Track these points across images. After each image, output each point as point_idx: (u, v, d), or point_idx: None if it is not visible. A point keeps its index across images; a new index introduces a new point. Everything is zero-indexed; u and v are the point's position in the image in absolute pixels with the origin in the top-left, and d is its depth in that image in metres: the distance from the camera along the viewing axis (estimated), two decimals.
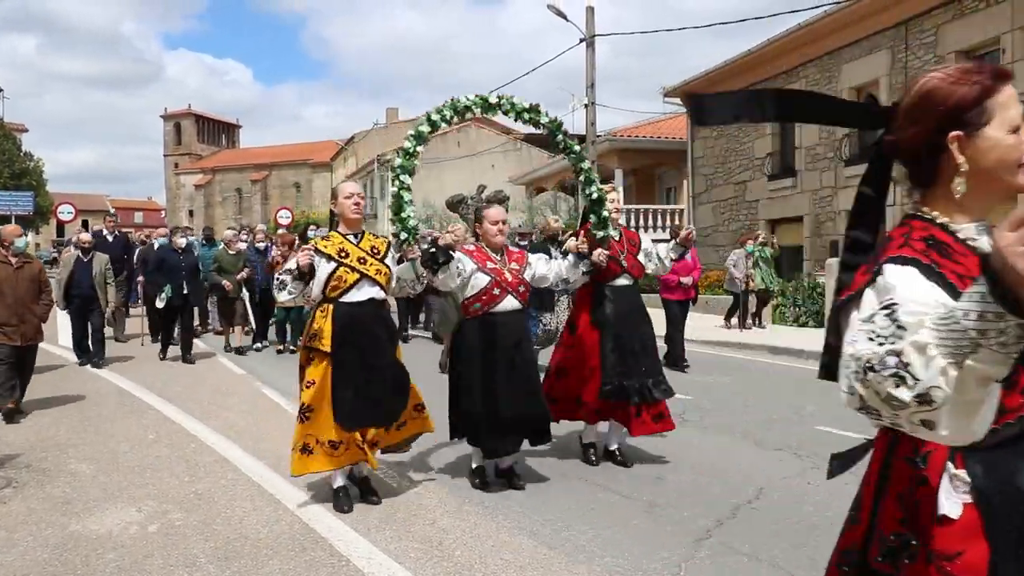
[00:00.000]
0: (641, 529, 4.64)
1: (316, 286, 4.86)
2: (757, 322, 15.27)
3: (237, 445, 6.68)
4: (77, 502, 5.24)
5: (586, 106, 21.85)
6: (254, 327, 13.12)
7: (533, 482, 5.59)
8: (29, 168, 44.57)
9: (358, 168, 57.46)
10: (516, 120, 5.43)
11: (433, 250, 5.02)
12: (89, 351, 11.07)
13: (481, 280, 5.31)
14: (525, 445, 5.50)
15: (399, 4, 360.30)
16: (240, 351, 12.47)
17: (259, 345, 12.97)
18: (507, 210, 25.25)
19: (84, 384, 9.69)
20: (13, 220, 28.01)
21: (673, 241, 6.15)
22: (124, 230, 16.50)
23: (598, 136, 23.14)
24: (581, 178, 5.73)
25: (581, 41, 21.43)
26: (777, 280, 15.70)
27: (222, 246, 13.04)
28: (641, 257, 6.12)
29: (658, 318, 7.47)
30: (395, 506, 5.09)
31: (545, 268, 5.68)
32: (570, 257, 5.69)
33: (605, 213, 5.68)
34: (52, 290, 8.42)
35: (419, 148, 4.93)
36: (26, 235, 8.62)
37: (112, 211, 14.71)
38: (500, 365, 5.26)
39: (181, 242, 11.92)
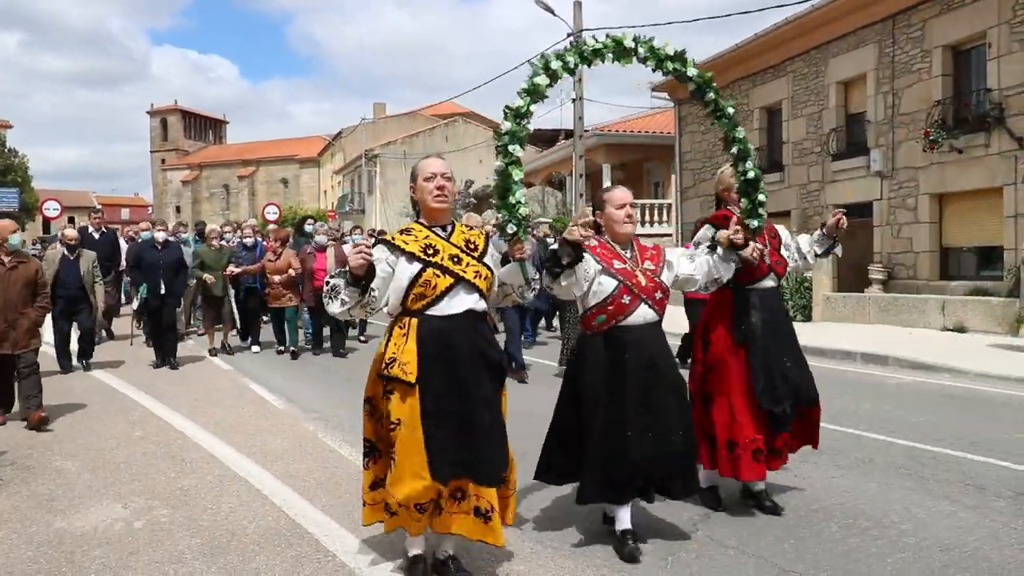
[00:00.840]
0: None
1: (394, 294, 3.67)
2: None
3: (224, 441, 6.66)
4: (62, 499, 5.21)
5: (574, 101, 21.84)
6: (239, 326, 12.60)
7: (518, 475, 5.58)
8: (14, 164, 44.24)
9: (345, 163, 57.36)
10: (656, 70, 4.15)
11: (556, 247, 3.93)
12: (71, 358, 10.28)
13: (607, 285, 4.13)
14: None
15: (386, 1, 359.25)
16: (228, 350, 11.98)
17: (253, 348, 12.39)
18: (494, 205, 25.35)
19: (70, 381, 9.63)
20: None
21: (819, 231, 5.16)
22: (112, 226, 15.93)
23: (586, 131, 23.15)
24: (733, 150, 4.49)
25: (569, 36, 21.41)
26: None
27: (204, 242, 12.41)
28: (783, 251, 5.07)
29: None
30: None
31: (690, 267, 4.44)
32: (719, 251, 4.46)
33: (761, 197, 4.55)
34: (49, 292, 7.83)
35: (533, 107, 3.73)
36: (22, 231, 8.06)
37: (98, 207, 13.78)
38: (631, 394, 4.10)
39: (159, 236, 10.95)
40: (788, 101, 19.35)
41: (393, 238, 3.74)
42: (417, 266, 3.62)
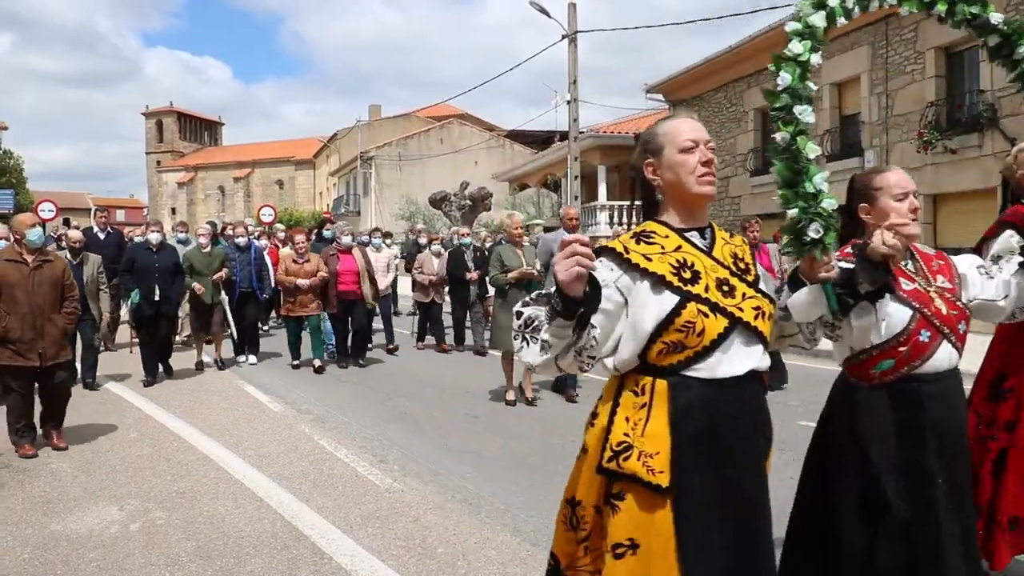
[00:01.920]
0: None
1: (631, 340, 2.20)
2: None
3: (219, 443, 6.66)
4: (58, 501, 5.21)
5: (569, 103, 21.86)
6: (234, 336, 11.09)
7: (515, 479, 5.60)
8: (9, 166, 44.15)
9: (341, 165, 57.34)
10: (946, 19, 2.90)
11: (850, 266, 2.43)
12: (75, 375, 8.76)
13: (899, 315, 2.68)
14: (502, 432, 5.43)
15: (375, 2, 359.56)
16: (220, 365, 10.63)
17: (250, 359, 11.09)
18: (490, 208, 24.51)
19: None
20: None
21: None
22: (116, 227, 14.68)
23: (581, 132, 23.18)
24: None
25: (563, 37, 21.43)
26: None
27: (194, 245, 10.95)
28: None
29: None
30: (378, 503, 5.08)
31: (992, 289, 2.94)
32: (1015, 260, 2.97)
33: None
34: (78, 295, 6.72)
35: (813, 58, 2.42)
36: (43, 226, 7.06)
37: (95, 207, 12.65)
38: (930, 482, 2.64)
39: (154, 237, 9.76)
40: None
41: (626, 249, 2.23)
42: (671, 298, 2.16)
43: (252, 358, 11.12)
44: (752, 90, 20.50)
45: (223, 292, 10.54)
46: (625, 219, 25.21)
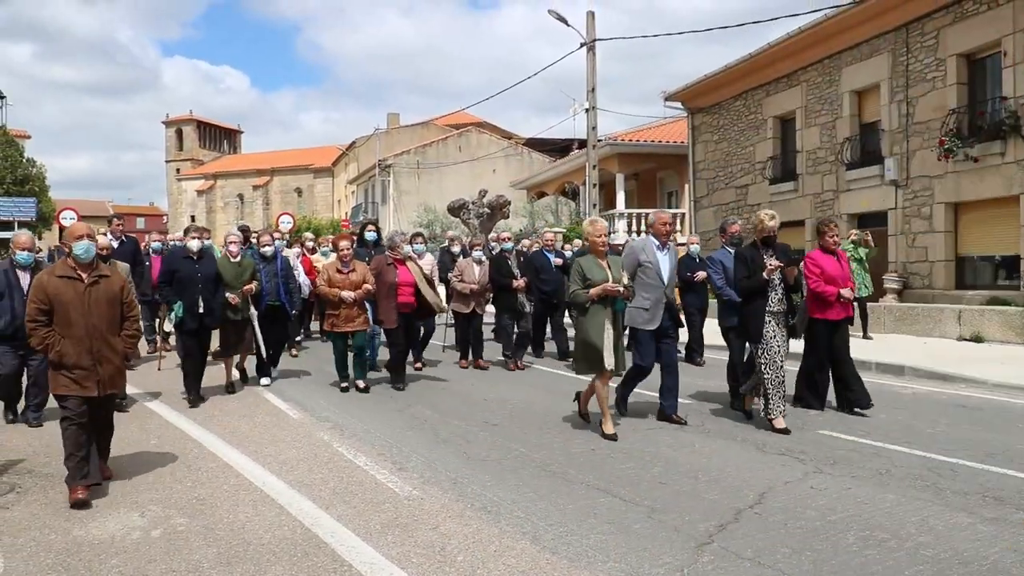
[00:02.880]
0: (643, 534, 4.64)
1: None
2: (864, 333, 13.61)
3: (239, 450, 6.68)
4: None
5: (587, 111, 21.87)
6: (262, 353, 9.93)
7: (535, 487, 5.59)
8: (32, 174, 44.60)
9: (359, 173, 57.57)
10: None
11: None
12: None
13: None
14: (523, 440, 5.40)
15: (391, 12, 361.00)
16: (244, 379, 9.92)
17: (269, 379, 9.99)
18: (507, 216, 24.43)
19: None
20: (16, 226, 28.11)
21: None
22: (133, 235, 13.65)
23: (599, 140, 23.17)
24: None
25: (582, 46, 21.45)
26: (869, 285, 13.69)
27: (221, 253, 9.94)
28: None
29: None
30: (397, 511, 5.08)
31: None
32: None
33: None
34: (139, 314, 6.08)
35: None
36: (96, 238, 6.14)
37: (111, 215, 11.58)
38: None
39: (195, 245, 8.90)
40: (802, 110, 19.31)
41: None
42: None
43: (266, 380, 9.96)
44: (771, 98, 20.43)
45: (252, 306, 9.59)
46: (644, 225, 25.18)
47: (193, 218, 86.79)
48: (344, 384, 9.58)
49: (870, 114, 17.48)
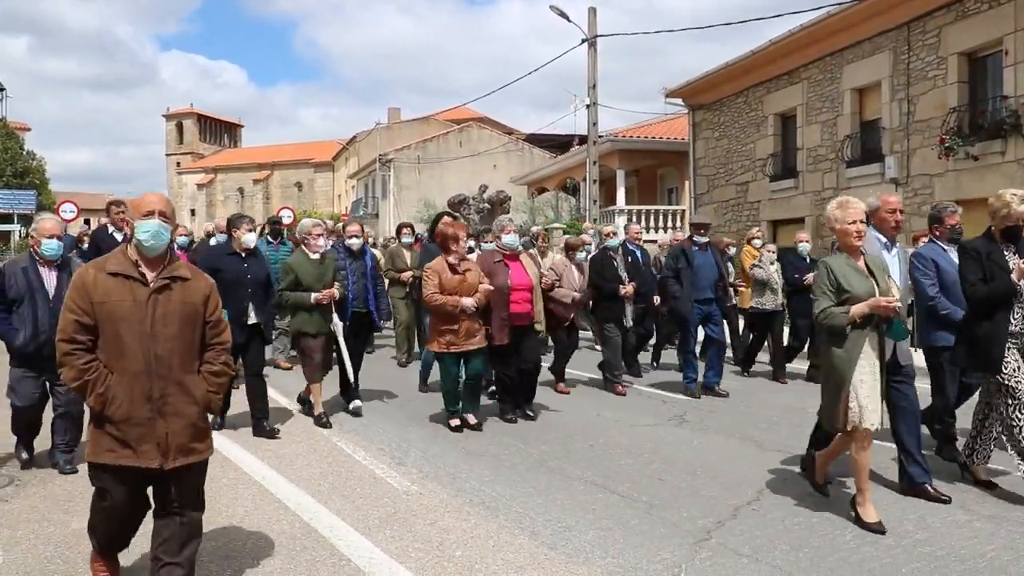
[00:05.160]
0: (641, 530, 4.65)
1: None
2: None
3: (238, 444, 6.69)
4: (79, 500, 5.24)
5: (588, 107, 21.86)
6: (349, 374, 7.92)
7: (533, 482, 5.60)
8: (32, 167, 44.59)
9: (360, 168, 57.55)
10: None
11: None
12: None
13: None
14: (522, 436, 5.43)
15: (388, 8, 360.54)
16: (326, 420, 7.46)
17: (360, 402, 8.05)
18: (508, 211, 24.23)
19: None
20: (16, 219, 28.03)
21: None
22: None
23: (600, 137, 23.16)
24: None
25: (583, 42, 21.43)
26: None
27: (294, 247, 8.37)
28: None
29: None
30: (396, 506, 5.10)
31: None
32: None
33: None
34: (228, 340, 3.79)
35: None
36: (171, 219, 3.71)
37: (110, 200, 9.90)
38: None
39: (249, 240, 7.21)
40: (803, 108, 19.29)
41: None
42: None
43: (357, 403, 8.02)
44: (772, 95, 20.41)
45: (336, 315, 7.57)
46: (643, 223, 25.18)
47: (193, 212, 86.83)
48: (456, 422, 7.30)
49: (871, 112, 17.46)
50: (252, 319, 7.07)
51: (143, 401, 3.44)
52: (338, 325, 7.56)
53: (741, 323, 11.31)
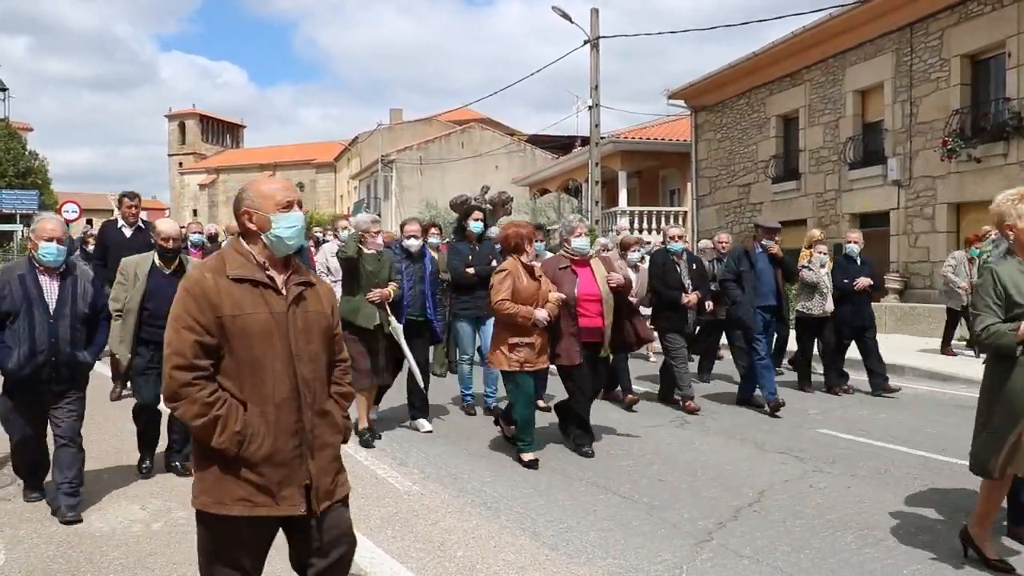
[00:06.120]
0: (642, 531, 4.66)
1: None
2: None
3: None
4: (82, 500, 5.25)
5: (590, 108, 21.86)
6: (420, 384, 7.19)
7: (534, 483, 5.60)
8: (34, 167, 44.62)
9: (362, 169, 57.57)
10: None
11: None
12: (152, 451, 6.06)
13: None
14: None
15: (388, 9, 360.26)
16: (373, 436, 6.83)
17: (424, 424, 7.31)
18: (510, 212, 23.80)
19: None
20: (18, 219, 28.02)
21: None
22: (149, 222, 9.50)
23: (602, 138, 23.17)
24: None
25: (586, 43, 21.44)
26: None
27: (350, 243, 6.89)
28: None
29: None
30: (398, 506, 5.10)
31: None
32: None
33: None
34: (347, 354, 3.13)
35: None
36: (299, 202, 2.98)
37: (122, 193, 9.21)
38: None
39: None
40: (805, 109, 19.29)
41: None
42: None
43: (426, 422, 7.33)
44: (774, 96, 20.41)
45: (392, 318, 6.84)
46: (646, 222, 25.19)
47: (195, 212, 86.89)
48: (530, 456, 6.11)
49: (873, 114, 17.46)
50: None
51: (289, 436, 2.75)
52: (398, 327, 6.82)
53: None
